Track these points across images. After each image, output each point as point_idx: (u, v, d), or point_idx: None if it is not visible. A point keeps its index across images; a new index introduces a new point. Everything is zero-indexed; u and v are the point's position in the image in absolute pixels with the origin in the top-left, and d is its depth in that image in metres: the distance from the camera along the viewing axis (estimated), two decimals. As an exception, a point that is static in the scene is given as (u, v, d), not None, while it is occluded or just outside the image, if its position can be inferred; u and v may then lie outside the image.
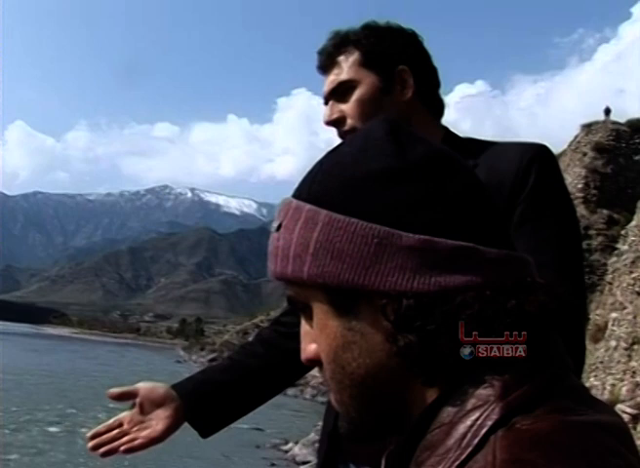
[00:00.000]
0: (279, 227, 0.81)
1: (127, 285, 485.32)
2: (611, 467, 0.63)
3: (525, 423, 0.66)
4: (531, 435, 0.65)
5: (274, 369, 2.09)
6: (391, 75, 1.84)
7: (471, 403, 0.70)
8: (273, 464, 23.10)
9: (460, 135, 1.94)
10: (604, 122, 35.18)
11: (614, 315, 17.21)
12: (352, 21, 1.93)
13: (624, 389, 14.68)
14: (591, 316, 18.95)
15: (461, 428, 0.69)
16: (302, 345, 0.85)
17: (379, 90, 1.83)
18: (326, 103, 1.91)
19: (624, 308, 16.77)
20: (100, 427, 1.87)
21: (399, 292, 0.72)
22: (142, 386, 1.94)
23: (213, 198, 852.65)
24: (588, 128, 34.94)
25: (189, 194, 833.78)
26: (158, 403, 1.93)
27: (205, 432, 2.03)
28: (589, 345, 17.66)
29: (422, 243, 0.72)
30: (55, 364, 59.00)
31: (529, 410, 0.68)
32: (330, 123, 1.88)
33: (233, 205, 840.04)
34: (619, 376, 15.41)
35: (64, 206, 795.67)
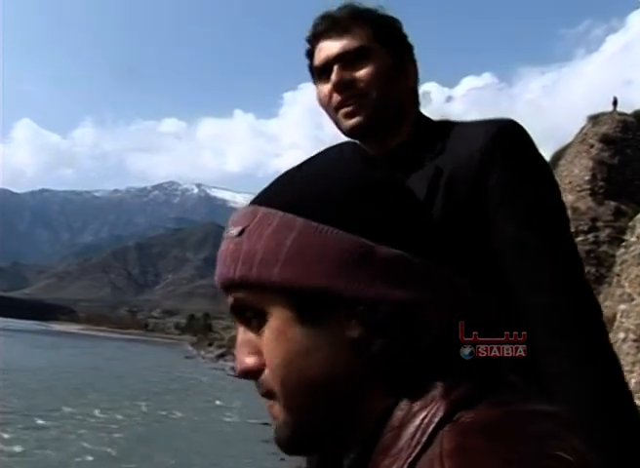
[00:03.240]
0: (241, 233, 0.81)
1: (134, 281, 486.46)
2: (550, 448, 0.64)
3: (469, 416, 0.69)
4: (474, 425, 0.68)
5: None
6: (401, 57, 1.82)
7: (418, 404, 0.73)
8: (282, 459, 22.98)
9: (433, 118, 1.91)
10: (611, 113, 34.85)
11: (622, 307, 17.12)
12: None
13: (634, 381, 14.60)
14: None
15: (411, 428, 0.71)
16: (240, 356, 0.83)
17: (393, 67, 1.80)
18: (323, 69, 1.82)
19: (633, 300, 16.69)
20: None
21: (369, 301, 0.74)
22: None
23: (219, 193, 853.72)
24: (595, 119, 34.64)
25: (196, 190, 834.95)
26: None
27: None
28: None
29: (397, 256, 0.75)
30: (62, 360, 59.06)
31: (472, 406, 0.70)
32: (339, 83, 1.78)
33: (240, 200, 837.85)
34: (627, 368, 15.30)
35: (71, 202, 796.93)
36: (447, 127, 1.82)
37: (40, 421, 26.99)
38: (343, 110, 1.80)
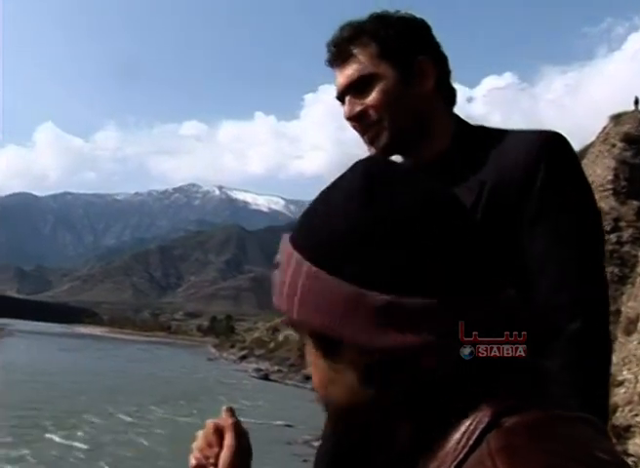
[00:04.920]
0: (279, 264, 0.87)
1: (157, 283, 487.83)
2: (590, 449, 0.69)
3: (512, 420, 0.72)
4: (519, 426, 0.71)
5: None
6: (410, 66, 1.80)
7: (460, 416, 0.75)
8: (305, 460, 23.06)
9: (472, 123, 1.90)
10: (633, 112, 34.59)
11: (646, 307, 17.05)
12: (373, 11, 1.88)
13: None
14: (623, 308, 18.79)
15: (456, 435, 0.74)
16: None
17: (399, 82, 1.79)
18: (340, 98, 1.87)
19: (656, 300, 16.61)
20: None
21: (364, 346, 0.77)
22: None
23: (241, 195, 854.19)
24: (617, 119, 34.44)
25: (217, 192, 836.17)
26: None
27: None
28: (621, 338, 17.52)
29: (385, 302, 0.75)
30: (89, 363, 59.46)
31: (514, 413, 0.73)
32: (352, 118, 1.83)
33: (261, 202, 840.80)
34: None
35: (94, 206, 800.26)
36: (488, 134, 1.81)
37: (85, 420, 27.21)
38: (365, 138, 1.85)
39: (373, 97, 1.79)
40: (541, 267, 1.65)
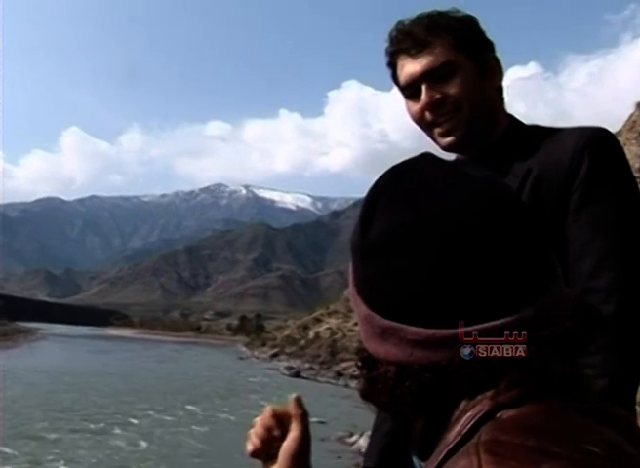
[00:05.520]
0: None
1: (186, 283, 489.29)
2: (581, 442, 0.68)
3: (509, 414, 0.74)
4: (510, 421, 0.73)
5: None
6: (482, 60, 1.82)
7: (465, 410, 0.78)
8: (339, 457, 23.11)
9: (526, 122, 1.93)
10: (659, 99, 34.38)
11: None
12: (404, 13, 1.87)
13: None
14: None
15: (458, 426, 0.77)
16: None
17: (476, 73, 1.80)
18: (409, 87, 1.85)
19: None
20: None
21: (386, 361, 0.82)
22: None
23: (267, 194, 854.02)
24: (644, 106, 34.23)
25: (244, 191, 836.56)
26: None
27: None
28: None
29: (386, 326, 0.81)
30: (119, 364, 59.87)
31: (516, 406, 0.75)
32: (430, 105, 1.82)
33: (288, 200, 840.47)
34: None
35: (120, 208, 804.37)
36: (538, 130, 1.85)
37: (126, 420, 27.49)
38: (438, 129, 1.84)
39: (454, 85, 1.79)
40: (582, 254, 1.66)
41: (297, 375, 56.66)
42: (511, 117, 1.92)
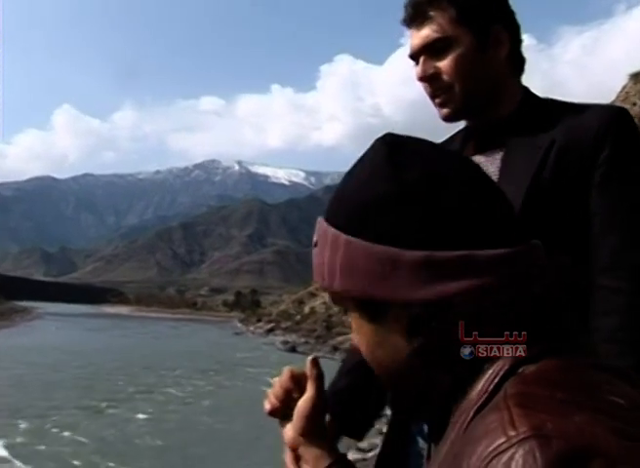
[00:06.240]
0: (316, 244, 0.93)
1: (181, 260, 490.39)
2: (603, 393, 0.71)
3: (530, 369, 0.77)
4: (534, 375, 0.75)
5: None
6: (486, 33, 1.81)
7: (486, 368, 0.80)
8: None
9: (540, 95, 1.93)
10: (652, 70, 34.36)
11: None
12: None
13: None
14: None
15: (479, 385, 0.78)
16: (352, 335, 0.97)
17: (474, 48, 1.80)
18: (413, 58, 1.87)
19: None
20: None
21: (407, 301, 0.81)
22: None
23: (261, 169, 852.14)
24: (637, 77, 33.86)
25: (237, 167, 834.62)
26: None
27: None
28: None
29: (422, 258, 0.80)
30: (117, 341, 60.23)
31: (535, 362, 0.78)
32: (424, 78, 1.84)
33: (281, 175, 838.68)
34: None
35: (114, 186, 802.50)
36: (555, 103, 1.86)
37: (130, 395, 27.77)
38: (436, 100, 1.86)
39: (447, 61, 1.80)
40: (605, 231, 1.68)
41: (292, 350, 56.93)
42: (526, 89, 1.91)
